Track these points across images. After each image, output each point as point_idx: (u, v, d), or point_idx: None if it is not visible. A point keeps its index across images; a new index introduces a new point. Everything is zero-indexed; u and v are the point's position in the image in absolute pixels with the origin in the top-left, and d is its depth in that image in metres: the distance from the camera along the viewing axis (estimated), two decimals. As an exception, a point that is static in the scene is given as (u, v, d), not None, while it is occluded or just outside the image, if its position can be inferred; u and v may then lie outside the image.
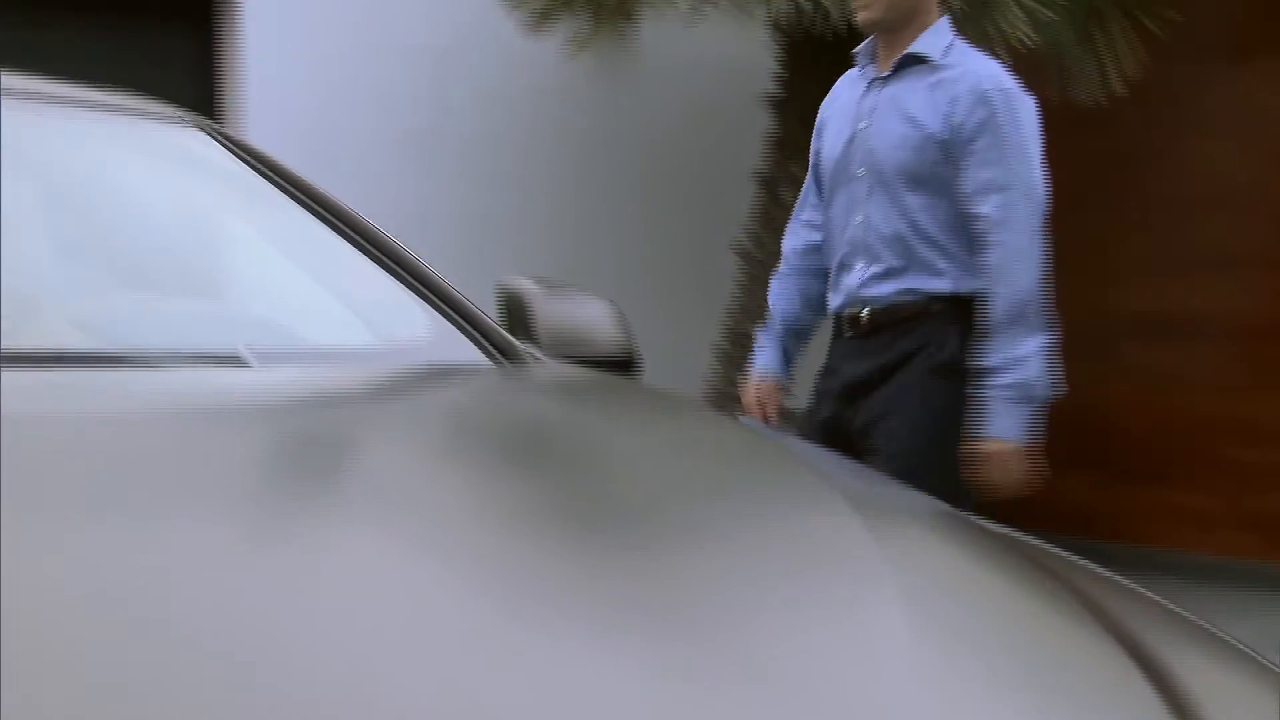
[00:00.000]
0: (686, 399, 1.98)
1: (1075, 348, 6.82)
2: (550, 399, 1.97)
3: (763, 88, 5.99)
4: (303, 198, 2.12)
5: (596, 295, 2.23)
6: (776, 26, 5.46)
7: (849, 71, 3.41)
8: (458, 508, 1.31)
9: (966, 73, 3.13)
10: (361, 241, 2.08)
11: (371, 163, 6.13)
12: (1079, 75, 5.60)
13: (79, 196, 2.12)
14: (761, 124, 5.98)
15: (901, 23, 3.20)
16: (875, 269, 3.20)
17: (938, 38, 3.20)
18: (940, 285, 3.17)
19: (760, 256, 5.72)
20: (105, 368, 1.68)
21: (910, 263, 3.18)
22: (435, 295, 2.05)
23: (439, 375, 1.92)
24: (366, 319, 2.08)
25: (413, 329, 2.03)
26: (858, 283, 3.23)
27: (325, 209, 2.11)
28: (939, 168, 3.13)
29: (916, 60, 3.20)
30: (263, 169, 2.15)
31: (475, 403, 1.86)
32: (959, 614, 1.19)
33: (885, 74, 3.24)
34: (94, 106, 2.15)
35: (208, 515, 1.19)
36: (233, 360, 1.73)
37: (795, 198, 5.85)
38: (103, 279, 2.01)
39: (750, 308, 5.66)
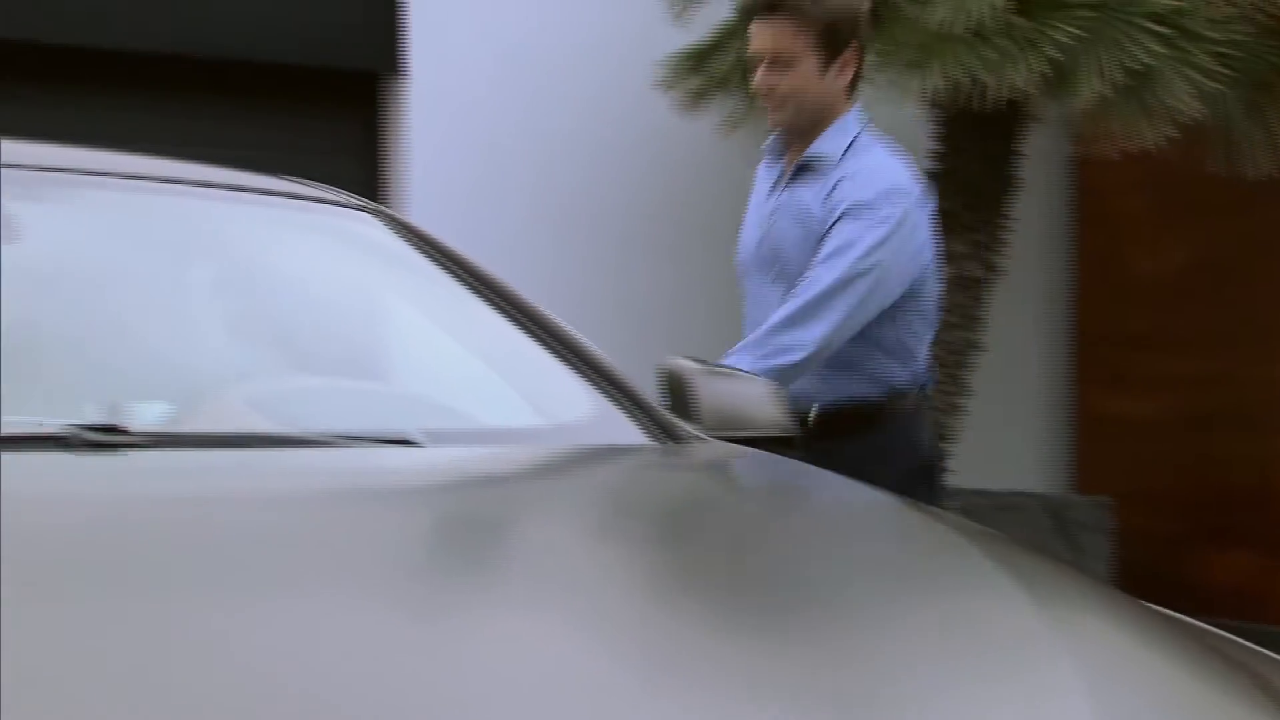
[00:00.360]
0: (843, 476, 1.97)
1: (1243, 424, 6.64)
2: (714, 478, 1.98)
3: (918, 164, 5.97)
4: (471, 280, 2.17)
5: (756, 376, 2.24)
6: (933, 102, 5.45)
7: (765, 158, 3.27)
8: (625, 589, 1.32)
9: (852, 173, 3.02)
10: (528, 323, 2.12)
11: (529, 244, 6.24)
12: (1246, 148, 5.49)
13: (255, 282, 2.19)
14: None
15: (811, 124, 3.08)
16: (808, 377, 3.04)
17: (840, 136, 3.07)
18: (869, 389, 3.05)
19: (917, 333, 5.67)
20: (281, 448, 1.73)
21: (837, 364, 3.03)
22: (599, 375, 2.07)
23: (603, 455, 1.94)
24: (533, 399, 2.11)
25: (578, 408, 2.05)
26: (794, 391, 2.96)
27: (493, 291, 2.16)
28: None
29: (815, 160, 3.08)
30: (432, 252, 2.21)
31: (640, 483, 1.87)
32: (1138, 699, 1.17)
33: (789, 174, 3.12)
34: (270, 194, 2.23)
35: (379, 592, 1.22)
36: (404, 441, 1.77)
37: (953, 273, 5.80)
38: (279, 362, 2.08)
39: (908, 384, 5.62)
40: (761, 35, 3.06)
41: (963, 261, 5.69)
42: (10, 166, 2.07)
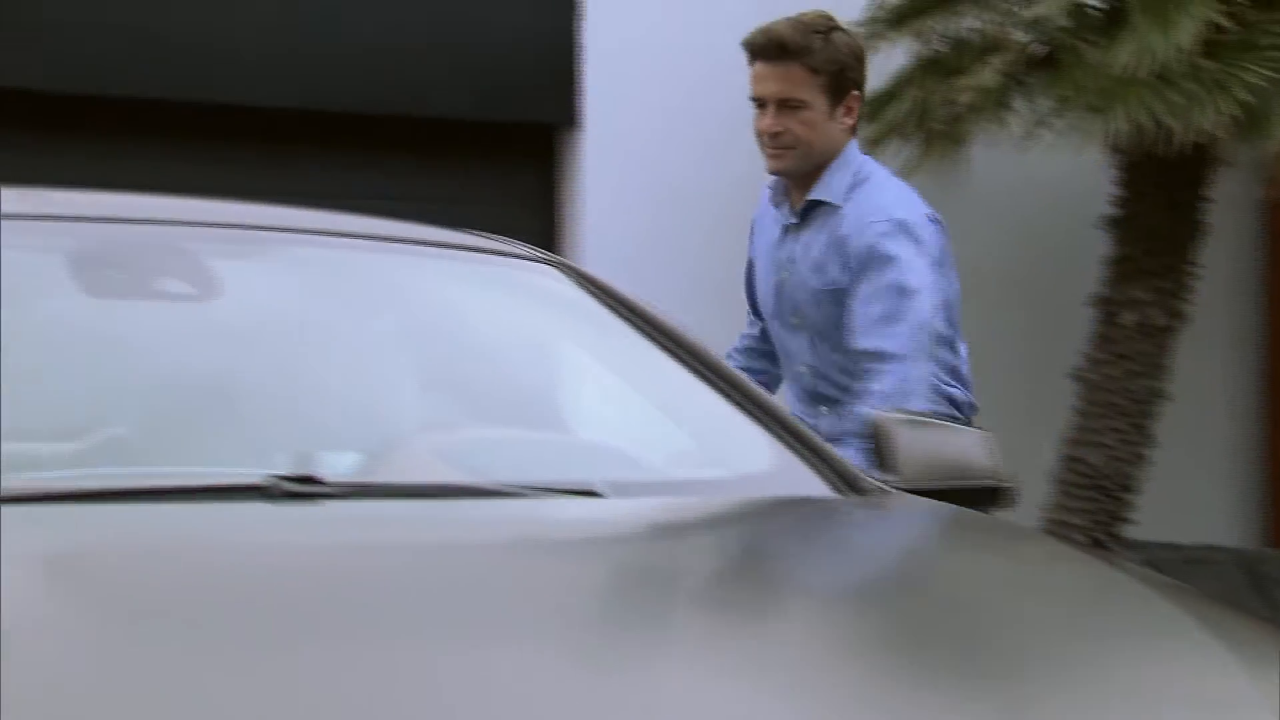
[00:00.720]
0: (1030, 530, 1.93)
1: None
2: (897, 531, 1.96)
3: (1098, 210, 5.86)
4: (652, 331, 2.18)
5: (964, 426, 2.19)
6: (1114, 147, 5.35)
7: (768, 185, 3.19)
8: (809, 644, 1.31)
9: (858, 211, 2.96)
10: (709, 373, 2.12)
11: (702, 293, 6.25)
12: None
13: (442, 334, 2.24)
14: (1096, 247, 5.84)
15: (815, 167, 3.01)
16: (834, 418, 3.00)
17: (841, 174, 3.01)
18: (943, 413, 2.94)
19: (1099, 382, 5.55)
20: (470, 499, 1.76)
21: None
22: (780, 426, 2.07)
23: (785, 507, 1.93)
24: (715, 450, 2.11)
25: (759, 460, 2.05)
26: (826, 432, 2.91)
27: (674, 341, 2.17)
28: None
29: (814, 206, 3.02)
30: (614, 303, 2.23)
31: (822, 536, 1.86)
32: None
33: (795, 220, 3.06)
34: (456, 248, 2.28)
35: (568, 643, 1.23)
36: (588, 492, 1.78)
37: (1136, 321, 5.68)
38: (465, 413, 2.11)
39: (1089, 436, 5.49)
40: (771, 79, 3.01)
41: (1145, 308, 5.56)
42: (210, 225, 2.15)
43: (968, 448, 2.10)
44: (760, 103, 3.04)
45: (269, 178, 5.50)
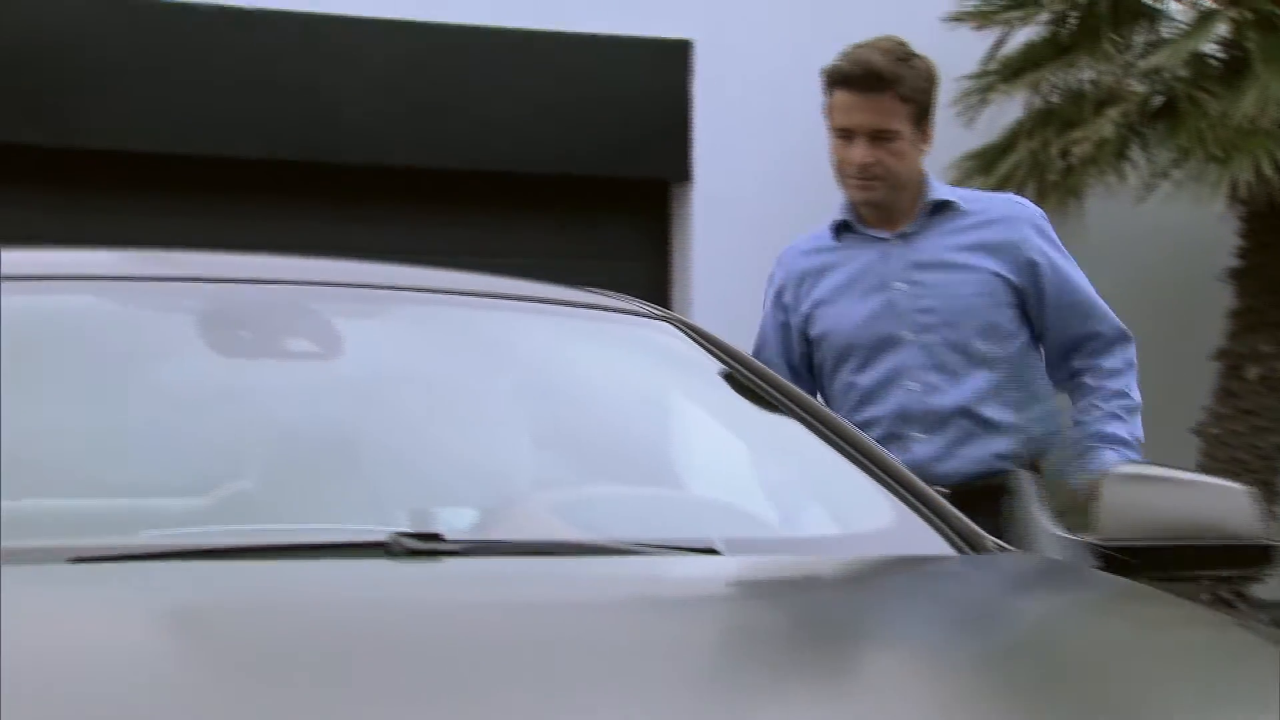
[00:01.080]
0: (1156, 590, 1.89)
1: None
2: (1021, 590, 1.93)
3: (1219, 261, 5.76)
4: (767, 389, 2.18)
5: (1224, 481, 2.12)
6: (1237, 197, 5.26)
7: (800, 243, 3.12)
8: (931, 704, 1.30)
9: (1004, 207, 3.03)
10: (824, 430, 2.11)
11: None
12: None
13: (558, 390, 2.26)
14: (1218, 299, 5.74)
15: (899, 196, 2.96)
16: (939, 440, 2.90)
17: (938, 184, 3.02)
18: (1007, 446, 2.90)
19: (1223, 437, 5.45)
20: (588, 556, 1.77)
21: (978, 428, 2.89)
22: (898, 483, 2.05)
23: (904, 566, 1.91)
24: (831, 507, 2.10)
25: (876, 517, 2.03)
26: (923, 458, 2.85)
27: (789, 399, 2.16)
28: (1008, 310, 2.91)
29: (940, 208, 2.96)
30: (729, 360, 2.23)
31: (940, 595, 1.84)
32: None
33: (906, 230, 2.97)
34: (571, 305, 2.30)
35: (686, 701, 1.23)
36: (706, 549, 1.78)
37: (1261, 375, 5.57)
38: (580, 469, 2.13)
39: (1213, 490, 5.38)
40: (863, 109, 2.92)
41: (1271, 361, 5.46)
42: (334, 285, 2.20)
43: (1234, 505, 2.03)
44: (847, 133, 2.94)
45: (393, 235, 5.61)
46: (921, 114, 2.97)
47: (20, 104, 5.50)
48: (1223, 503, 2.03)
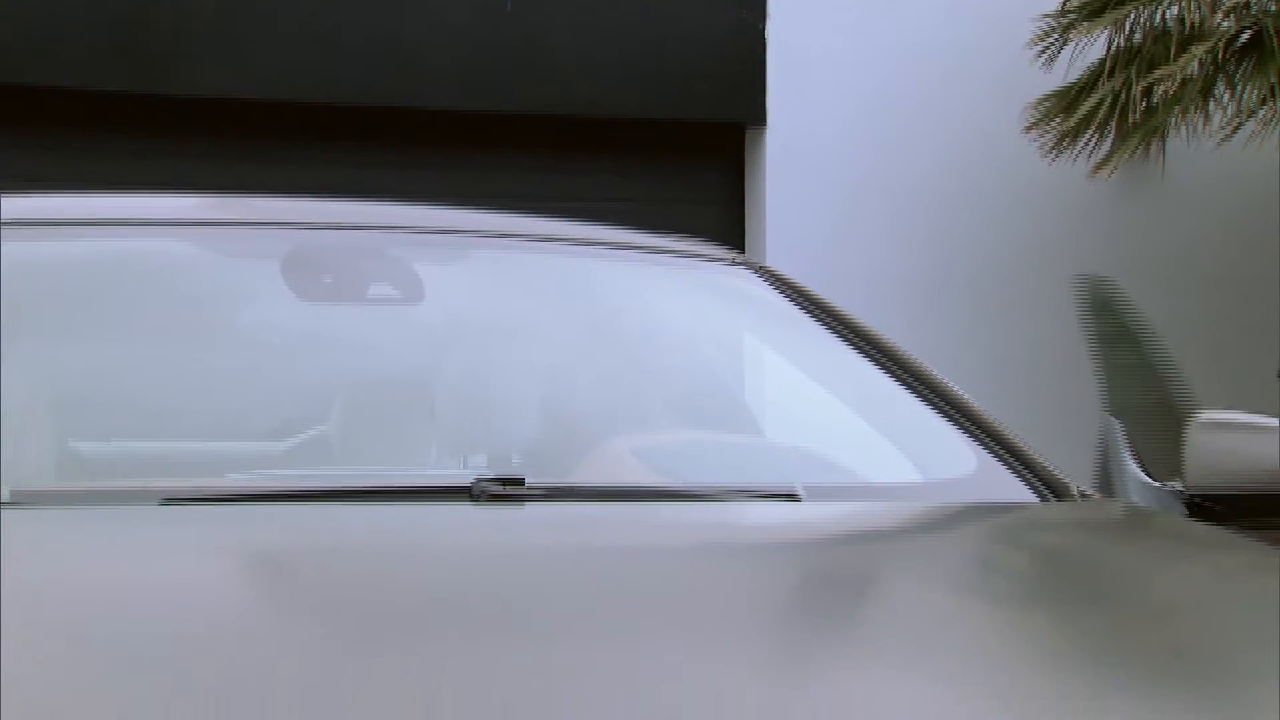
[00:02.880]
0: (1231, 536, 1.87)
1: None
2: (1100, 539, 1.92)
3: (1308, 202, 5.65)
4: (849, 334, 2.17)
5: None
6: (1324, 136, 5.15)
7: None
8: (1000, 653, 1.30)
9: None
10: (907, 376, 2.10)
11: (883, 292, 6.20)
12: None
13: (638, 337, 2.26)
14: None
15: None
16: None
17: None
18: None
19: (1307, 381, 5.35)
20: (668, 501, 1.77)
21: None
22: (982, 429, 2.03)
23: (986, 513, 1.90)
24: (914, 454, 2.09)
25: (959, 464, 2.02)
26: None
27: (871, 344, 2.15)
28: None
29: None
30: (810, 306, 2.22)
31: (1021, 542, 1.83)
32: None
33: None
34: (652, 251, 2.29)
35: (759, 647, 1.24)
36: (787, 496, 1.78)
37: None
38: (661, 415, 2.13)
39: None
40: None
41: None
42: (415, 230, 2.20)
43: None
44: None
45: (470, 180, 5.63)
46: None
47: (104, 53, 5.56)
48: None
